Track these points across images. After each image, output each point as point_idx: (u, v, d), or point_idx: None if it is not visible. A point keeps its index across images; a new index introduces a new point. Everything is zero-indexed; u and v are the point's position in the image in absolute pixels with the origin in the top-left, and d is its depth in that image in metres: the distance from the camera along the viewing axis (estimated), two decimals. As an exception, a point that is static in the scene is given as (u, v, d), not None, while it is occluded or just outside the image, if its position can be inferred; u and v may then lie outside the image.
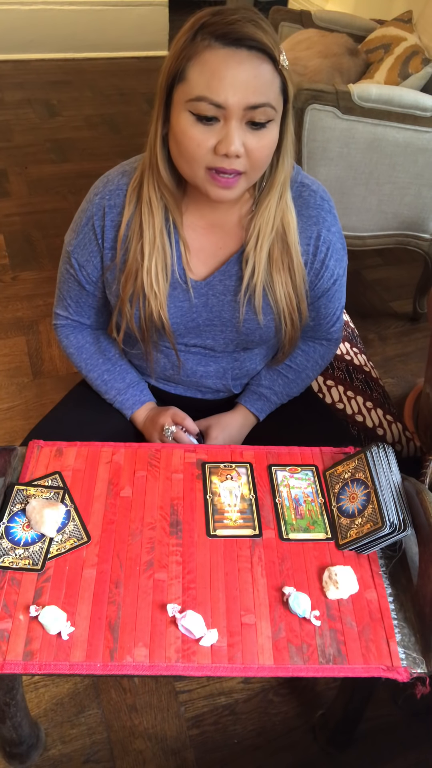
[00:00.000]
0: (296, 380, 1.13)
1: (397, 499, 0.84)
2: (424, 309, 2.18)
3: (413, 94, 1.70)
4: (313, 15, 2.50)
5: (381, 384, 1.57)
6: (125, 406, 1.10)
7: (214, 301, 0.98)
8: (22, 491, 0.87)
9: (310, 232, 0.95)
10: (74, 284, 1.04)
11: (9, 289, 2.21)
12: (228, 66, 0.76)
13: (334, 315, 1.07)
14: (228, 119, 0.78)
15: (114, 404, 1.11)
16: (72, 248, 1.00)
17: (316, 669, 0.73)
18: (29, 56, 3.99)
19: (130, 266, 0.94)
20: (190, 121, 0.79)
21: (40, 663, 0.72)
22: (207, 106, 0.77)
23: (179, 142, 0.82)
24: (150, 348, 1.02)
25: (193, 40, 0.77)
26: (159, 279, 0.93)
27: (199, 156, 0.81)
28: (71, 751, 1.15)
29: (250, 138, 0.80)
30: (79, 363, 1.12)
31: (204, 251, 0.97)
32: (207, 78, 0.77)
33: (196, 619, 0.74)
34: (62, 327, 1.13)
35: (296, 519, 0.87)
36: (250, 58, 0.76)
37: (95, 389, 1.12)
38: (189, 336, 1.03)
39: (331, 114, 1.67)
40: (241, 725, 1.19)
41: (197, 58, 0.77)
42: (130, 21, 4.07)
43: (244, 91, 0.77)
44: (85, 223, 0.96)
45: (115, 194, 0.94)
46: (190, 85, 0.78)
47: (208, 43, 0.76)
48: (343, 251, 1.01)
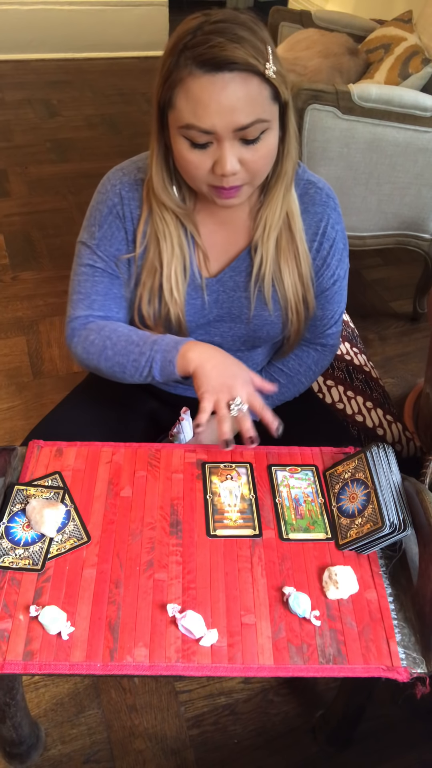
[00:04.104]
0: (288, 385, 1.13)
1: (397, 499, 0.84)
2: (424, 309, 2.17)
3: (413, 94, 1.70)
4: (313, 15, 2.50)
5: (381, 384, 1.57)
6: (168, 348, 0.91)
7: (224, 297, 0.99)
8: (22, 491, 0.87)
9: (315, 228, 0.97)
10: (103, 277, 0.98)
11: (9, 289, 2.21)
12: (211, 93, 0.76)
13: (331, 318, 1.07)
14: (220, 141, 0.79)
15: (154, 362, 0.92)
16: (96, 242, 0.96)
17: (316, 669, 0.73)
18: (29, 56, 3.99)
19: (149, 267, 0.95)
20: (186, 146, 0.81)
21: (40, 663, 0.72)
22: (196, 133, 0.79)
23: (179, 163, 0.85)
24: None
25: (177, 64, 0.77)
26: (179, 284, 0.95)
27: (199, 177, 0.84)
28: (71, 751, 1.15)
29: (245, 153, 0.81)
30: (103, 342, 0.96)
31: (215, 248, 0.98)
32: (192, 106, 0.77)
33: (196, 619, 0.74)
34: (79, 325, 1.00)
35: (296, 519, 0.87)
36: (233, 80, 0.75)
37: (126, 364, 0.95)
38: (198, 332, 1.03)
39: (331, 114, 1.67)
40: (241, 725, 1.19)
41: (182, 85, 0.77)
42: (130, 21, 4.07)
43: (231, 115, 0.77)
44: (108, 213, 0.95)
45: (134, 188, 0.94)
46: (178, 113, 0.79)
47: (189, 70, 0.76)
48: (345, 251, 1.02)
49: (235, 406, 0.85)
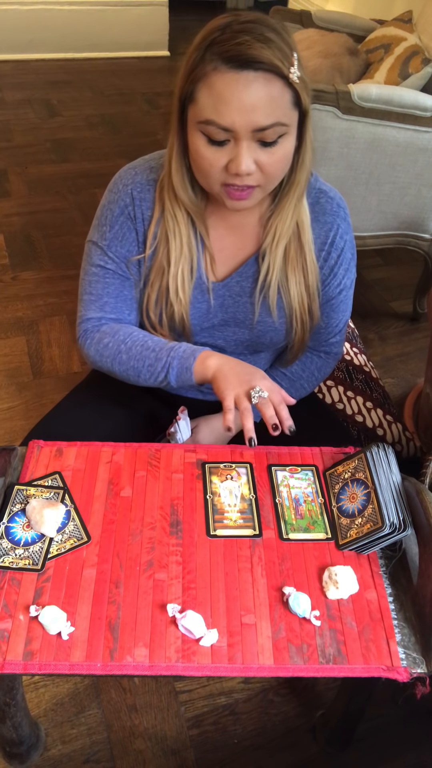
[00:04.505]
0: (290, 389, 1.13)
1: (397, 499, 0.84)
2: (424, 309, 2.17)
3: (413, 94, 1.70)
4: (313, 15, 2.50)
5: (381, 384, 1.57)
6: (185, 355, 0.92)
7: (230, 302, 0.99)
8: (22, 491, 0.87)
9: (324, 237, 0.97)
10: (114, 278, 0.98)
11: (9, 289, 2.21)
12: (234, 90, 0.76)
13: (336, 326, 1.07)
14: (238, 140, 0.79)
15: (170, 368, 0.93)
16: (107, 243, 0.96)
17: (316, 669, 0.73)
18: (29, 56, 3.99)
19: (158, 267, 0.95)
20: (203, 141, 0.81)
21: (40, 663, 0.72)
22: (215, 129, 0.78)
23: (194, 159, 0.84)
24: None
25: (203, 59, 0.77)
26: (185, 284, 0.95)
27: (212, 174, 0.83)
28: (71, 751, 1.15)
29: (261, 155, 0.81)
30: (118, 346, 0.97)
31: (224, 252, 0.98)
32: (214, 102, 0.77)
33: (196, 619, 0.74)
34: (92, 328, 1.01)
35: (296, 519, 0.87)
36: (256, 79, 0.76)
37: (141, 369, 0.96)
38: (202, 335, 1.03)
39: (331, 114, 1.67)
40: (241, 725, 1.19)
41: (205, 80, 0.77)
42: (130, 21, 4.06)
43: (252, 114, 0.77)
44: (119, 214, 0.95)
45: (145, 189, 0.94)
46: (199, 107, 0.79)
47: (215, 65, 0.76)
48: (352, 261, 1.02)
49: (255, 394, 0.86)
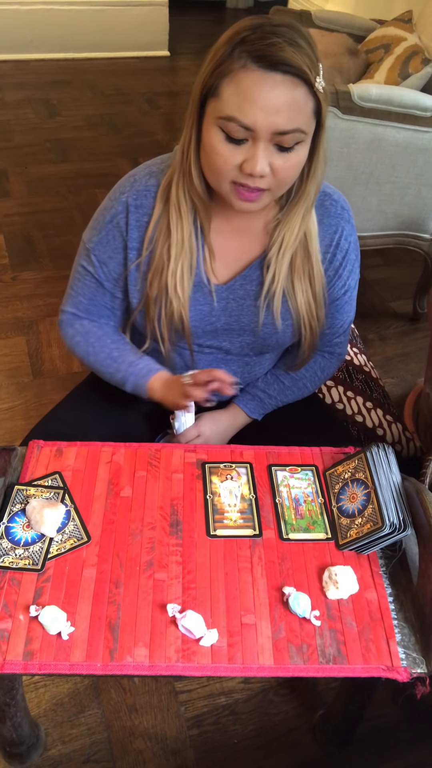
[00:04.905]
0: (292, 387, 1.13)
1: (397, 499, 0.84)
2: (424, 309, 2.18)
3: (413, 94, 1.70)
4: (313, 15, 2.50)
5: (381, 384, 1.57)
6: (140, 375, 1.01)
7: (234, 305, 0.99)
8: (22, 491, 0.87)
9: (329, 239, 0.97)
10: (91, 282, 1.02)
11: (9, 289, 2.21)
12: (261, 89, 0.76)
13: (340, 327, 1.08)
14: (256, 140, 0.79)
15: (127, 382, 1.02)
16: (93, 245, 0.99)
17: (316, 669, 0.73)
18: (29, 56, 3.99)
19: (156, 266, 0.94)
20: (220, 137, 0.80)
21: (40, 663, 0.72)
22: (236, 127, 0.78)
23: (207, 155, 0.83)
24: (168, 349, 1.02)
25: (231, 55, 0.77)
26: (184, 281, 0.94)
27: (225, 171, 0.82)
28: (71, 751, 1.15)
29: (276, 159, 0.80)
30: (86, 347, 1.05)
31: (228, 255, 0.98)
32: (239, 99, 0.77)
33: (196, 619, 0.74)
34: (68, 320, 1.08)
35: (296, 519, 0.87)
36: (284, 82, 0.76)
37: (104, 373, 1.05)
38: (206, 337, 1.03)
39: (331, 114, 1.67)
40: (241, 725, 1.19)
41: (232, 76, 0.77)
42: (130, 21, 4.06)
43: (275, 116, 0.76)
44: (109, 221, 0.96)
45: (143, 195, 0.94)
46: (222, 103, 0.78)
47: (243, 63, 0.76)
48: (356, 262, 1.02)
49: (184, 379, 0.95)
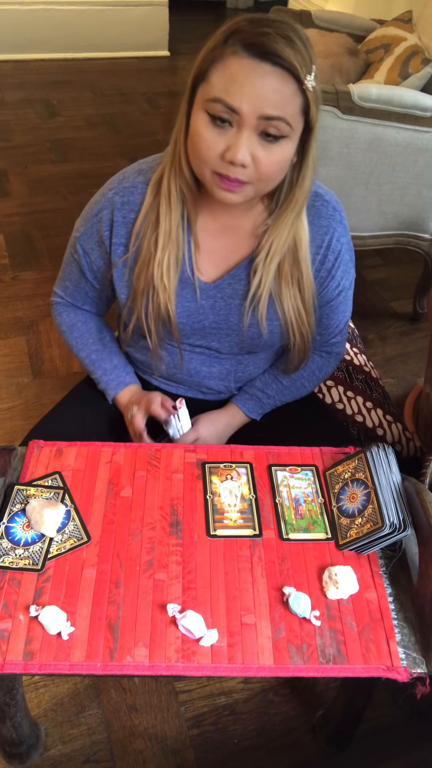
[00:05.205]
0: (290, 387, 1.13)
1: (397, 499, 0.84)
2: (424, 309, 2.18)
3: (413, 94, 1.70)
4: (313, 15, 2.50)
5: (381, 384, 1.57)
6: (109, 386, 1.10)
7: (222, 304, 0.99)
8: (22, 491, 0.87)
9: (320, 241, 0.96)
10: (76, 269, 1.05)
11: (9, 289, 2.21)
12: (249, 76, 0.76)
13: (336, 327, 1.07)
14: (241, 126, 0.79)
15: (99, 385, 1.12)
16: (79, 234, 1.02)
17: (316, 669, 0.73)
18: (29, 56, 3.99)
19: (143, 258, 0.94)
20: (205, 121, 0.80)
21: (40, 663, 0.72)
22: (221, 108, 0.78)
23: (192, 140, 0.83)
24: (156, 344, 1.02)
25: (224, 44, 0.77)
26: (170, 272, 0.94)
27: (207, 157, 0.82)
28: (71, 751, 1.15)
29: (260, 150, 0.80)
30: (71, 341, 1.13)
31: (215, 253, 0.97)
32: (226, 82, 0.77)
33: (196, 619, 0.74)
34: (57, 305, 1.14)
35: (296, 519, 0.87)
36: (273, 73, 0.76)
37: (85, 369, 1.14)
38: (195, 336, 1.03)
39: (331, 114, 1.67)
40: (241, 725, 1.19)
41: (222, 61, 0.77)
42: (130, 21, 4.06)
43: (261, 102, 0.77)
44: (94, 215, 0.98)
45: (129, 191, 0.94)
46: (210, 86, 0.79)
47: (234, 49, 0.76)
48: (350, 263, 1.01)
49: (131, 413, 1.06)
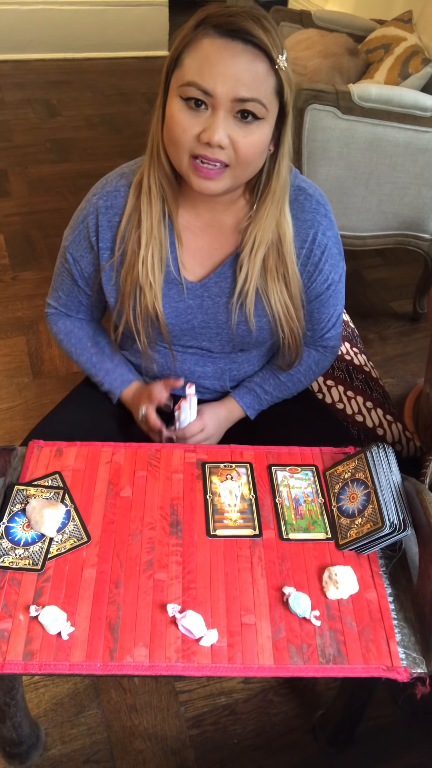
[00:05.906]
0: (287, 383, 1.13)
1: (397, 499, 0.84)
2: (424, 309, 2.17)
3: (413, 94, 1.70)
4: (313, 15, 2.50)
5: (381, 384, 1.57)
6: (113, 386, 1.10)
7: (209, 303, 0.99)
8: (22, 491, 0.87)
9: (305, 235, 0.95)
10: (68, 278, 1.06)
11: (9, 289, 2.21)
12: (221, 56, 0.77)
13: (328, 321, 1.07)
14: (216, 108, 0.79)
15: (103, 387, 1.11)
16: (68, 243, 1.02)
17: (316, 669, 0.73)
18: (29, 56, 3.99)
19: (129, 259, 0.94)
20: (180, 106, 0.80)
21: (40, 663, 0.72)
22: (195, 91, 0.78)
23: (168, 126, 0.83)
24: (146, 345, 1.02)
25: (195, 28, 0.79)
26: (155, 269, 0.94)
27: (183, 141, 0.81)
28: (71, 751, 1.15)
29: (236, 131, 0.80)
30: (69, 348, 1.13)
31: (200, 252, 0.97)
32: (199, 64, 0.78)
33: (196, 619, 0.74)
34: (51, 315, 1.15)
35: (296, 519, 0.87)
36: (244, 52, 0.77)
37: (84, 371, 1.13)
38: (185, 337, 1.03)
39: (331, 114, 1.67)
40: (241, 725, 1.19)
41: (194, 45, 0.79)
42: (130, 21, 4.06)
43: (234, 83, 0.77)
44: (80, 222, 0.99)
45: (112, 195, 0.95)
46: (183, 71, 0.79)
47: (206, 32, 0.78)
48: (339, 256, 1.01)
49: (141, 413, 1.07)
